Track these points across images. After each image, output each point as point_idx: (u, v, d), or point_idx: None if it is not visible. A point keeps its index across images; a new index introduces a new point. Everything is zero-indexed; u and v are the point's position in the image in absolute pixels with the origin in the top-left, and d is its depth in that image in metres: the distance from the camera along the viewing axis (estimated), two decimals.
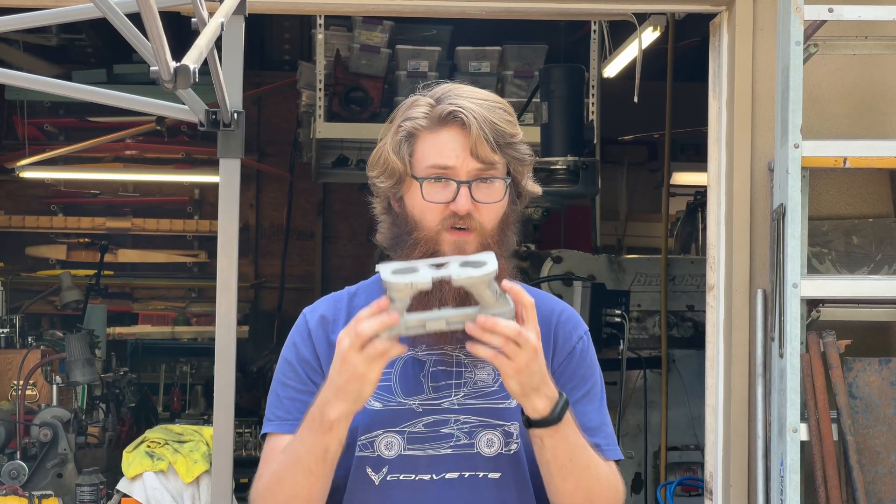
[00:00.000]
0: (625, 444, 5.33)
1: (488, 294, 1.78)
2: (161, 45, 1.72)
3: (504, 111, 2.01)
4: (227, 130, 2.58)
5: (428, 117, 1.99)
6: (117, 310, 8.46)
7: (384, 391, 2.01)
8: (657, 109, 5.51)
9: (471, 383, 2.01)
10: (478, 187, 1.97)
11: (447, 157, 1.97)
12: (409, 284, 1.76)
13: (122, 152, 8.52)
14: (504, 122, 1.99)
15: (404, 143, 2.00)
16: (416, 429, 1.99)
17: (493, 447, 2.00)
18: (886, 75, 3.59)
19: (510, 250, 2.04)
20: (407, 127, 2.00)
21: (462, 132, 1.96)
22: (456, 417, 1.99)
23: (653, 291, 5.44)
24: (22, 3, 3.51)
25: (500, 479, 2.00)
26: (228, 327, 2.65)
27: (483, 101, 1.99)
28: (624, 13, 3.89)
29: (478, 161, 1.96)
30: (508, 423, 2.00)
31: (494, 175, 1.98)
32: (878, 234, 3.56)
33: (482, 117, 1.96)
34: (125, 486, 4.16)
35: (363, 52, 6.24)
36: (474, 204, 1.96)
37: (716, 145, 3.64)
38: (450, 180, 1.96)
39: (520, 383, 1.82)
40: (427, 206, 1.97)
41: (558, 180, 4.94)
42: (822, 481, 3.14)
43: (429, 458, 1.98)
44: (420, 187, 1.98)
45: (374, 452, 1.99)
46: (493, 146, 1.96)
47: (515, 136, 2.01)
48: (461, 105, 1.97)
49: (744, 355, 3.48)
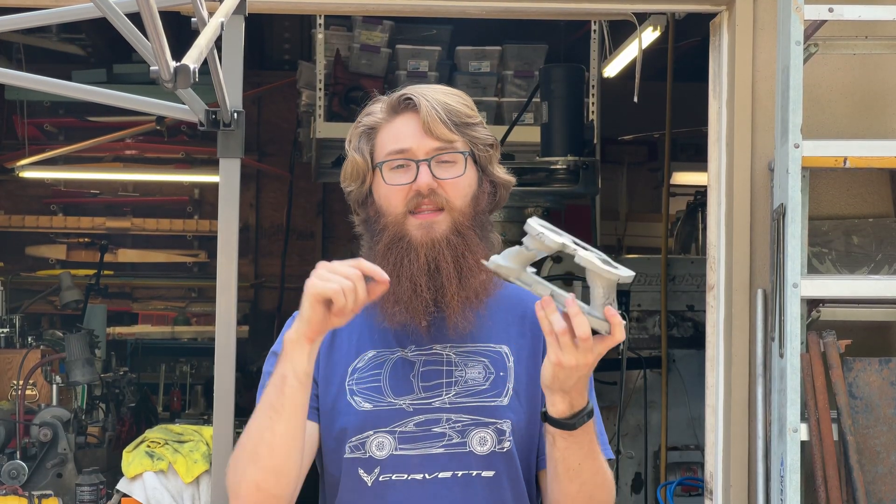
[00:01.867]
0: (625, 444, 5.33)
1: (599, 293, 1.76)
2: (161, 45, 1.72)
3: (460, 97, 2.05)
4: (227, 130, 2.58)
5: (384, 109, 2.03)
6: (117, 310, 8.46)
7: (374, 391, 2.01)
8: (657, 109, 5.50)
9: (462, 382, 2.01)
10: (438, 166, 1.99)
11: (403, 140, 1.99)
12: (561, 244, 1.74)
13: (122, 152, 8.51)
14: (459, 104, 2.02)
15: (363, 138, 2.04)
16: (408, 428, 1.98)
17: (485, 445, 1.99)
18: (886, 75, 3.59)
19: (488, 237, 2.04)
20: (366, 122, 2.05)
21: (416, 115, 2.00)
22: (448, 416, 1.99)
23: (653, 291, 5.44)
24: (22, 3, 3.51)
25: (494, 477, 1.99)
26: (228, 327, 2.66)
27: (438, 89, 2.04)
28: (624, 13, 3.89)
29: (434, 139, 1.98)
30: (501, 421, 1.99)
31: (453, 151, 2.00)
32: (878, 234, 3.56)
33: (434, 99, 2.00)
34: (125, 486, 4.15)
35: (363, 51, 6.25)
36: (437, 181, 1.97)
37: (716, 145, 3.64)
38: (409, 161, 1.99)
39: (554, 375, 1.80)
40: (390, 189, 1.99)
41: (558, 180, 4.94)
42: (822, 481, 3.14)
43: (421, 457, 1.98)
44: (381, 174, 2.00)
45: (365, 453, 1.98)
46: (448, 125, 1.99)
47: (472, 118, 2.03)
48: (414, 91, 2.02)
49: (744, 355, 3.48)
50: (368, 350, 2.04)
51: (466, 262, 1.97)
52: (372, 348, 2.04)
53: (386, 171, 2.00)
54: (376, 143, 2.02)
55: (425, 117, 1.98)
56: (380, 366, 2.02)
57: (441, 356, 2.02)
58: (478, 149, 2.03)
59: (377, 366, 2.02)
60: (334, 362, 2.04)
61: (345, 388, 2.01)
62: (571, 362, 1.76)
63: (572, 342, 1.75)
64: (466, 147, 2.01)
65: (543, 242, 1.75)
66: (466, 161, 2.01)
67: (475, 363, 2.02)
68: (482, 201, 2.04)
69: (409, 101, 2.00)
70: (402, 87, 2.07)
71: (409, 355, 2.02)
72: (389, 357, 2.02)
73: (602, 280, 1.74)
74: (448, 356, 2.02)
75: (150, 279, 8.92)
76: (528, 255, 1.78)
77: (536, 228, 1.75)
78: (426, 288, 1.96)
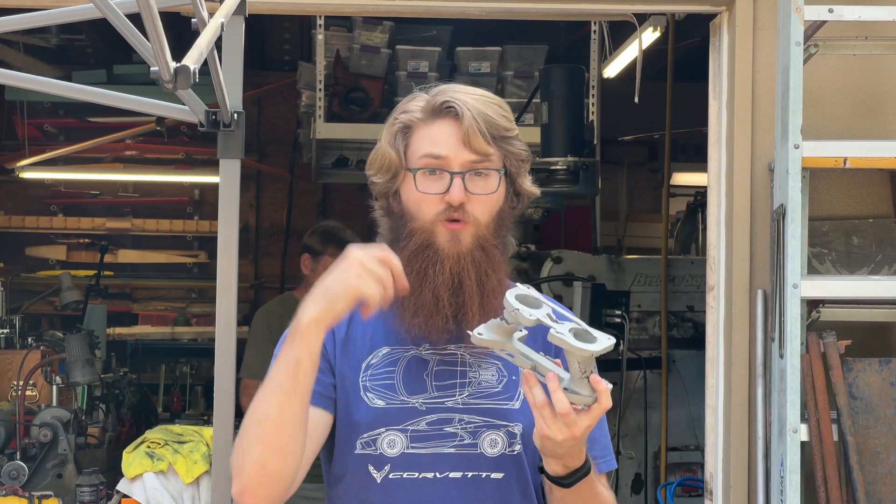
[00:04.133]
0: (625, 445, 5.33)
1: (576, 367, 1.75)
2: (161, 46, 1.72)
3: (500, 107, 2.02)
4: (227, 131, 2.58)
5: (423, 110, 2.01)
6: (117, 310, 8.44)
7: (388, 389, 2.00)
8: (657, 109, 5.50)
9: (475, 383, 2.01)
10: (472, 179, 1.98)
11: (440, 147, 1.98)
12: (535, 319, 1.75)
13: (122, 153, 8.51)
14: (499, 117, 2.00)
15: (399, 135, 2.02)
16: (420, 427, 1.99)
17: (496, 447, 2.00)
18: (886, 75, 3.59)
19: (508, 251, 2.04)
20: (403, 120, 2.02)
21: (456, 123, 1.98)
22: (460, 417, 1.99)
23: (653, 292, 5.44)
24: (22, 3, 3.51)
25: (503, 479, 2.00)
26: (228, 327, 2.66)
27: (479, 97, 2.02)
28: (624, 13, 3.89)
29: (471, 152, 1.97)
30: (512, 424, 2.00)
31: (489, 167, 1.99)
32: (878, 235, 3.56)
33: (476, 109, 1.98)
34: (125, 486, 4.15)
35: (363, 52, 6.24)
36: (468, 195, 1.96)
37: (716, 145, 3.64)
38: (443, 171, 1.97)
39: (543, 445, 1.82)
40: (422, 197, 1.98)
41: (558, 180, 4.93)
42: (822, 482, 3.14)
43: (432, 456, 1.98)
44: (414, 178, 1.98)
45: (376, 450, 1.98)
46: (486, 138, 1.97)
47: (511, 130, 2.02)
48: (456, 97, 1.99)
49: (744, 356, 3.48)
50: (382, 346, 2.03)
51: (490, 281, 1.97)
52: (386, 345, 2.03)
53: (419, 177, 1.98)
54: (411, 142, 2.01)
55: (467, 129, 1.96)
56: (394, 363, 2.02)
57: (455, 356, 2.02)
58: (511, 163, 2.02)
59: (391, 363, 2.02)
60: (349, 356, 2.04)
61: (358, 383, 2.01)
62: (557, 436, 1.77)
63: (554, 416, 1.75)
64: (501, 162, 2.00)
65: (518, 319, 1.75)
66: (500, 178, 2.00)
67: (489, 365, 2.02)
68: (507, 217, 2.03)
69: (451, 109, 1.98)
70: (435, 84, 2.04)
71: (424, 353, 2.02)
72: (404, 354, 2.02)
73: (576, 356, 1.74)
74: (462, 356, 2.02)
75: (151, 280, 8.91)
76: (509, 328, 1.79)
77: (513, 304, 1.75)
78: (448, 304, 1.95)
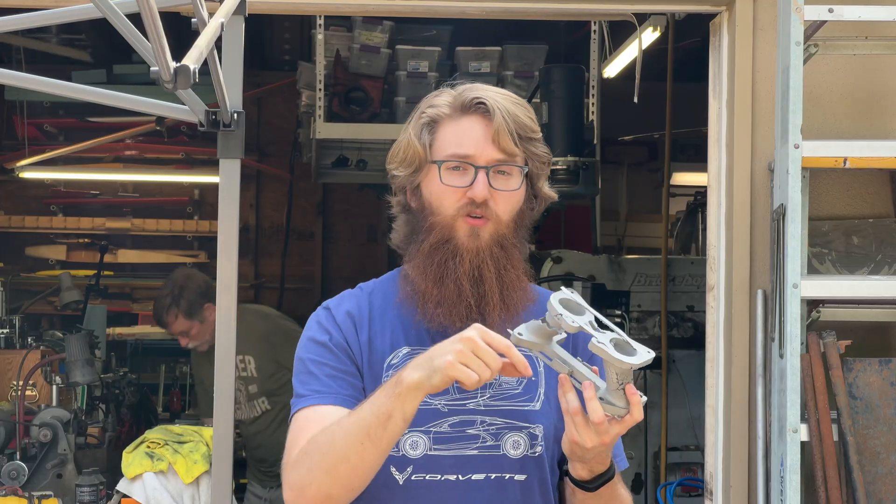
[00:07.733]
0: (625, 445, 5.31)
1: (613, 378, 1.76)
2: (161, 46, 1.72)
3: (526, 108, 2.04)
4: (227, 131, 2.58)
5: (451, 105, 2.02)
6: (117, 310, 8.44)
7: None
8: (657, 109, 5.50)
9: (496, 385, 2.01)
10: (495, 176, 1.98)
11: (467, 145, 1.98)
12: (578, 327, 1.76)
13: (122, 153, 8.50)
14: (526, 118, 2.02)
15: (426, 129, 2.02)
16: (442, 429, 1.99)
17: (518, 449, 2.00)
18: (886, 75, 3.59)
19: (525, 253, 2.04)
20: (430, 114, 2.03)
21: (484, 121, 1.98)
22: (482, 419, 2.00)
23: (653, 292, 5.44)
24: (22, 3, 3.51)
25: (526, 481, 2.00)
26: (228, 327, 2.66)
27: (507, 96, 2.03)
28: (624, 13, 3.89)
29: (498, 150, 1.98)
30: (534, 426, 2.01)
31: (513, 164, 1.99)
32: (878, 235, 3.56)
33: (506, 109, 1.99)
34: (125, 486, 4.15)
35: (363, 52, 6.23)
36: (491, 192, 1.97)
37: (716, 145, 3.63)
38: (469, 165, 1.98)
39: (571, 451, 1.84)
40: (445, 190, 1.98)
41: (558, 180, 4.94)
42: (822, 482, 3.14)
43: (455, 458, 1.98)
44: (438, 171, 1.99)
45: (398, 451, 1.98)
46: (514, 138, 1.98)
47: (536, 133, 2.03)
48: (486, 95, 2.00)
49: (744, 356, 3.48)
50: (403, 346, 2.04)
51: (508, 275, 1.98)
52: (406, 345, 2.04)
53: (444, 170, 1.99)
54: (437, 136, 2.01)
55: (497, 128, 1.97)
56: None
57: None
58: (534, 165, 2.03)
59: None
60: (372, 357, 2.04)
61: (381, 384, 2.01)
62: (587, 443, 1.79)
63: (587, 423, 1.77)
64: (524, 163, 2.01)
65: (560, 324, 1.76)
66: (524, 178, 2.01)
67: None
68: (526, 217, 2.04)
69: (482, 105, 1.99)
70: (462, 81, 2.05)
71: None
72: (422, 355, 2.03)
73: (614, 367, 1.75)
74: None
75: (151, 280, 8.90)
76: (549, 331, 1.80)
77: (556, 309, 1.76)
78: (470, 293, 1.96)
